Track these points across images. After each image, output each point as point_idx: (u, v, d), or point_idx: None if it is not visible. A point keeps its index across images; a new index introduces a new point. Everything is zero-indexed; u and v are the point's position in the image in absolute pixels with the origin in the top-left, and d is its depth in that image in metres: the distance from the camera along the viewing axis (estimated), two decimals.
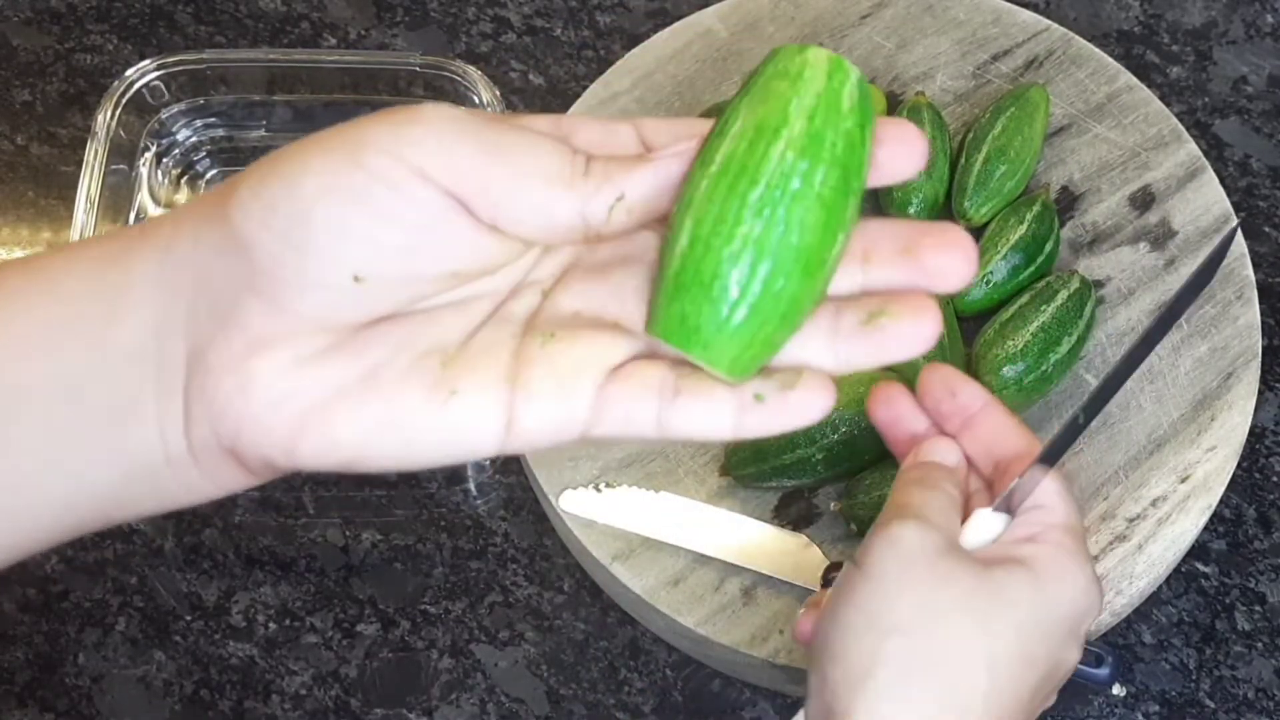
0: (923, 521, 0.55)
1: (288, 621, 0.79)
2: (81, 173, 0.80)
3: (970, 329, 0.79)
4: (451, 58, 0.84)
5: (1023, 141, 0.82)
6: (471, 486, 0.82)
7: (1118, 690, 0.65)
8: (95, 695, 0.78)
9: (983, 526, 0.57)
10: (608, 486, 0.76)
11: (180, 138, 0.88)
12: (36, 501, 0.44)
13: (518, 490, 0.82)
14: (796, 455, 0.73)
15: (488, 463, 0.82)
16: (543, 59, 0.94)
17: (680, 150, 0.42)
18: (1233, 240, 0.63)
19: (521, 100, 0.93)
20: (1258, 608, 0.79)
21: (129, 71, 0.84)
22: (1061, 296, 0.77)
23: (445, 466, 0.80)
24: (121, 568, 0.81)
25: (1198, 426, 0.77)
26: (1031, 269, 0.79)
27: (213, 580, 0.80)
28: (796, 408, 0.42)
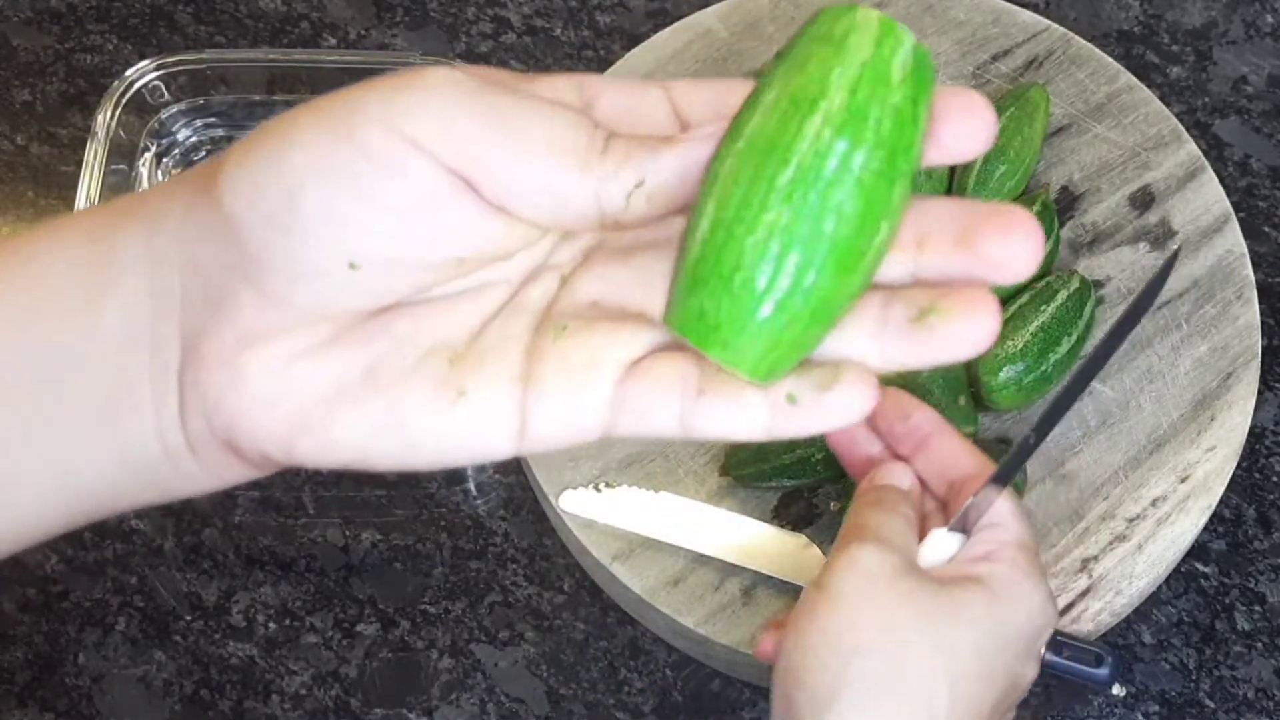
0: (881, 543, 0.55)
1: (288, 621, 0.79)
2: (81, 173, 0.80)
3: None
4: (451, 58, 0.84)
5: (1023, 141, 0.82)
6: (471, 486, 0.82)
7: (1118, 690, 0.65)
8: (95, 695, 0.78)
9: (939, 546, 0.58)
10: (608, 486, 0.76)
11: (180, 138, 0.88)
12: (30, 494, 0.42)
13: (518, 490, 0.82)
14: (796, 455, 0.73)
15: (488, 462, 0.83)
16: (543, 59, 0.94)
17: (710, 132, 0.38)
18: (1171, 269, 0.62)
19: None
20: (1257, 608, 0.79)
21: (129, 71, 0.84)
22: (1061, 296, 0.77)
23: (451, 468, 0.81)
24: (121, 568, 0.81)
25: (1198, 426, 0.77)
26: None
27: (213, 580, 0.80)
28: (834, 410, 0.38)
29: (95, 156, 0.81)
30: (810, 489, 0.76)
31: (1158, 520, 0.75)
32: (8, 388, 0.40)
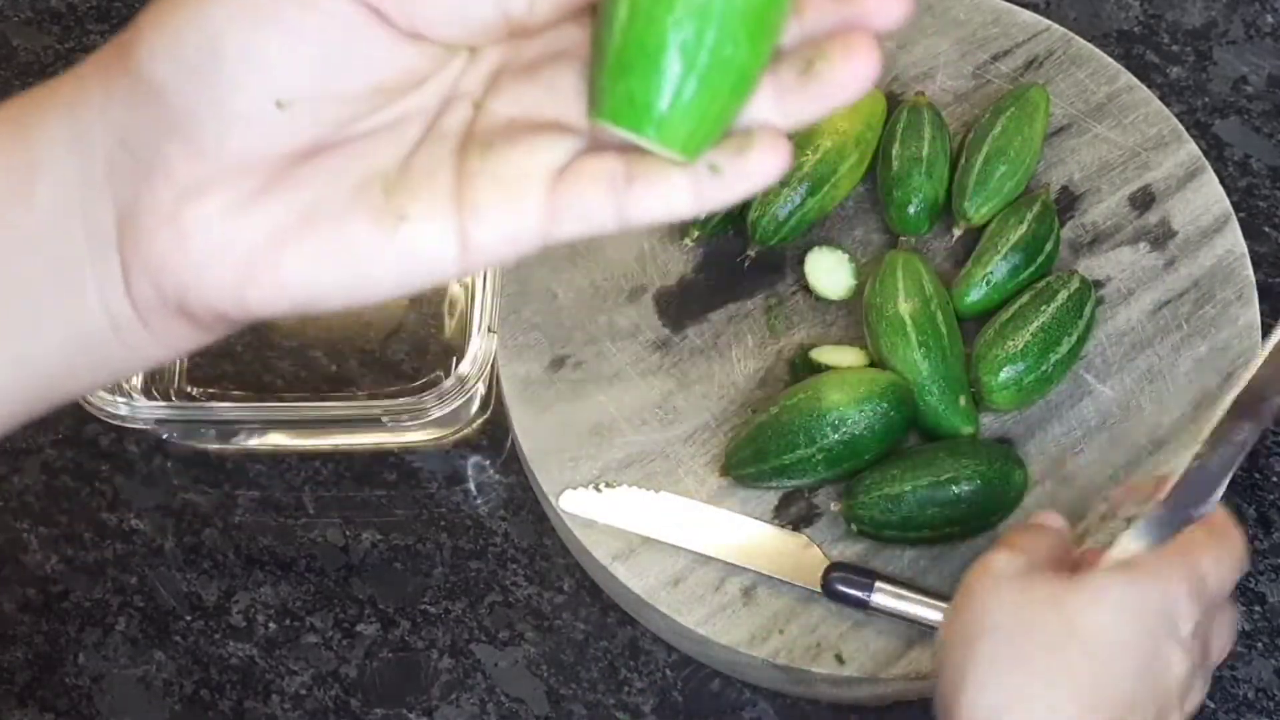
0: (1012, 548, 0.61)
1: (288, 621, 0.79)
2: None
3: (970, 329, 0.79)
4: None
5: (1023, 141, 0.82)
6: (471, 486, 0.82)
7: None
8: (95, 695, 0.78)
9: (1124, 547, 0.61)
10: (608, 486, 0.76)
11: None
12: None
13: (518, 490, 0.82)
14: (796, 455, 0.73)
15: (488, 462, 0.83)
16: None
17: None
18: None
19: None
20: (1258, 608, 0.79)
21: None
22: (1061, 296, 0.77)
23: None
24: (121, 568, 0.81)
25: (1197, 427, 0.77)
26: (1031, 269, 0.79)
27: (213, 580, 0.80)
28: (755, 170, 0.40)
29: None
30: (810, 489, 0.76)
31: None
32: None
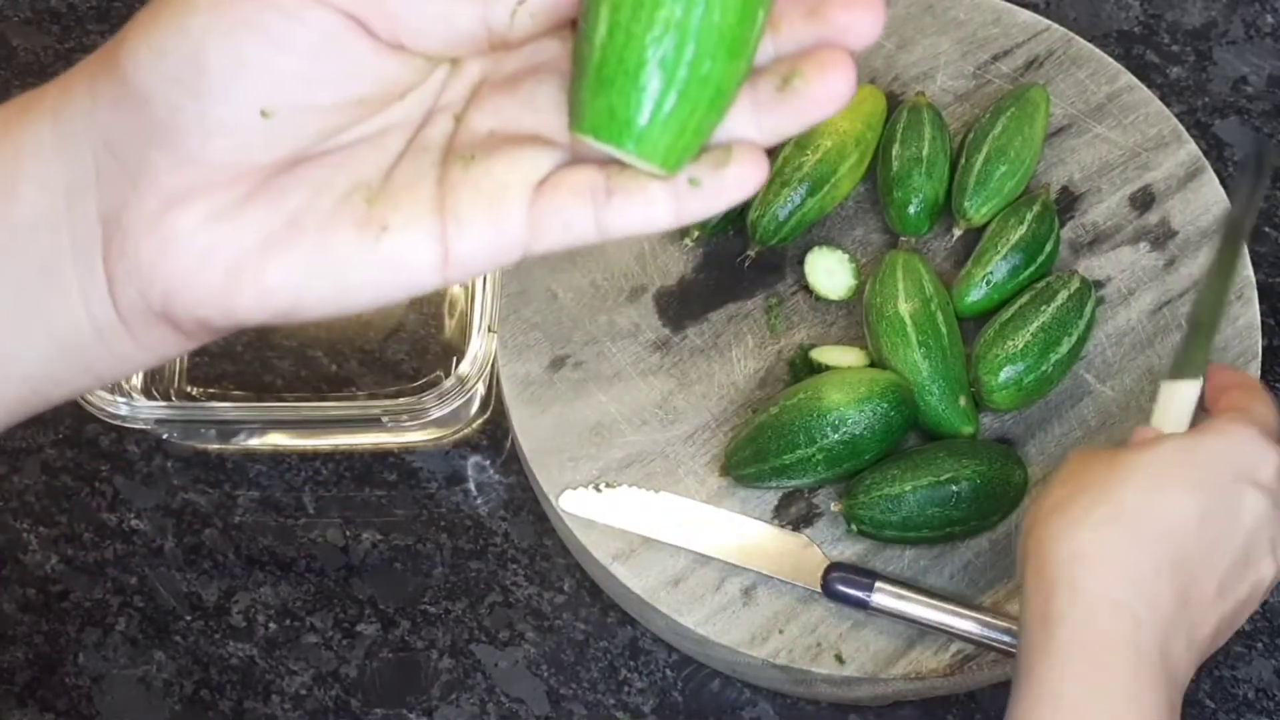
0: (1083, 449, 0.65)
1: (288, 621, 0.79)
2: None
3: (970, 329, 0.79)
4: None
5: (1023, 141, 0.82)
6: (471, 486, 0.82)
7: None
8: (95, 695, 0.78)
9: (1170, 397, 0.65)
10: (608, 486, 0.76)
11: None
12: None
13: (518, 490, 0.82)
14: (796, 455, 0.73)
15: (488, 462, 0.83)
16: None
17: None
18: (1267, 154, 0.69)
19: None
20: (1257, 608, 0.79)
21: None
22: (1061, 296, 0.77)
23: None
24: (121, 568, 0.81)
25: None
26: (1031, 269, 0.79)
27: (213, 580, 0.80)
28: (733, 184, 0.41)
29: None
30: (810, 489, 0.76)
31: None
32: None
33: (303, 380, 0.85)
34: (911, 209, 0.81)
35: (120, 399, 0.77)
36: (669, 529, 0.75)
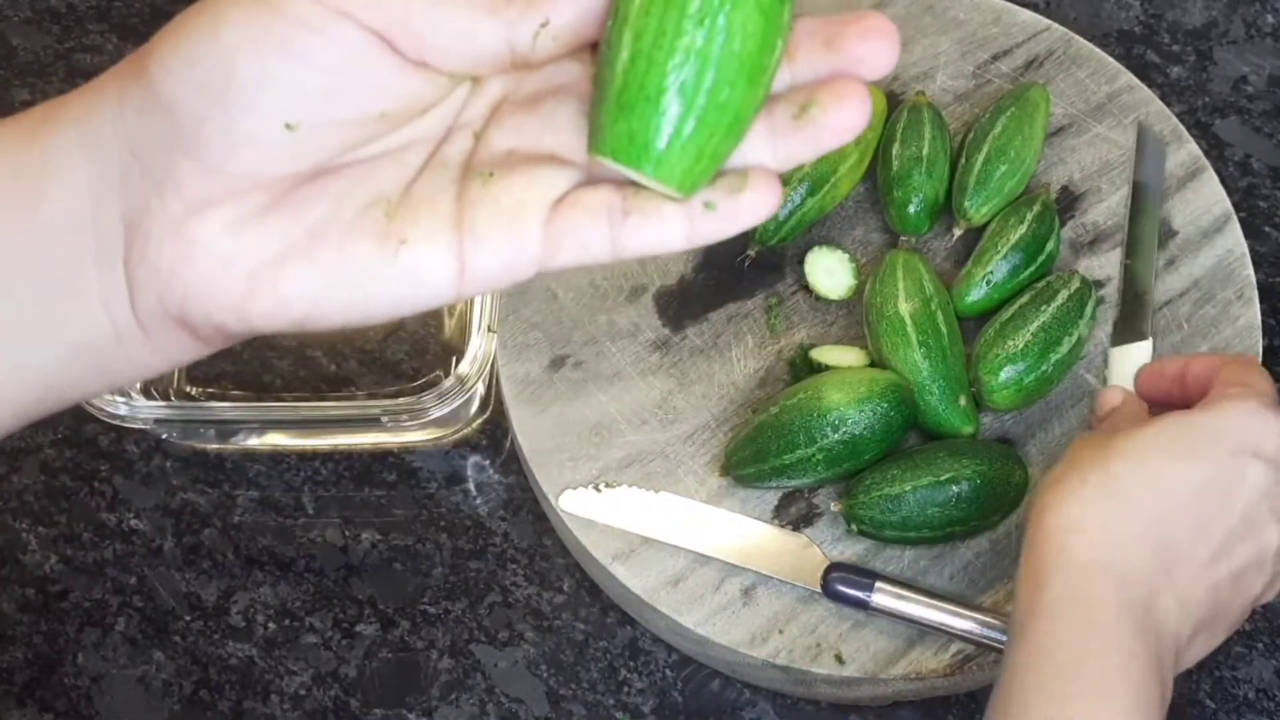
0: (1089, 431, 0.66)
1: (287, 621, 0.79)
2: None
3: (970, 329, 0.79)
4: None
5: (1023, 141, 0.82)
6: (471, 486, 0.82)
7: None
8: (94, 695, 0.78)
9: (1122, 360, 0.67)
10: (608, 486, 0.76)
11: None
12: None
13: (517, 490, 0.82)
14: (796, 455, 0.73)
15: (487, 462, 0.83)
16: None
17: None
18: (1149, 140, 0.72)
19: None
20: (1258, 608, 0.79)
21: None
22: (1062, 296, 0.77)
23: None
24: (121, 568, 0.81)
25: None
26: (1031, 269, 0.79)
27: (212, 580, 0.80)
28: (748, 209, 0.42)
29: None
30: (810, 489, 0.76)
31: None
32: None
33: (302, 380, 0.85)
34: (911, 209, 0.81)
35: (120, 399, 0.77)
36: (669, 529, 0.75)
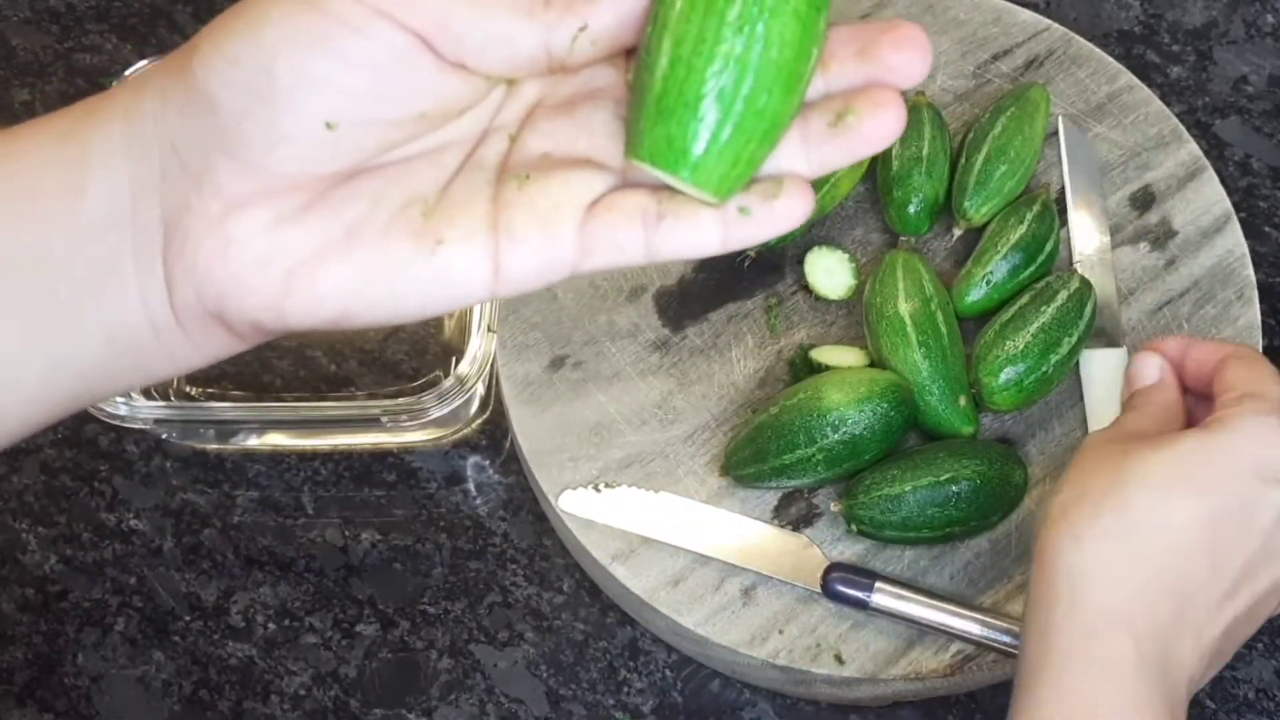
0: (1107, 429, 0.64)
1: (287, 622, 0.79)
2: None
3: (970, 329, 0.79)
4: None
5: (1023, 141, 0.82)
6: (471, 486, 0.82)
7: None
8: (94, 695, 0.78)
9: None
10: (607, 486, 0.76)
11: None
12: (17, 379, 0.44)
13: (517, 490, 0.82)
14: (796, 455, 0.73)
15: (487, 462, 0.82)
16: None
17: None
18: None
19: None
20: None
21: (128, 71, 0.84)
22: (1061, 297, 0.77)
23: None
24: (120, 568, 0.81)
25: None
26: (1031, 269, 0.79)
27: (212, 580, 0.80)
28: (782, 214, 0.43)
29: None
30: (810, 489, 0.76)
31: None
32: (1, 271, 0.43)
33: (302, 380, 0.84)
34: (911, 208, 0.81)
35: (119, 399, 0.77)
36: (669, 529, 0.75)
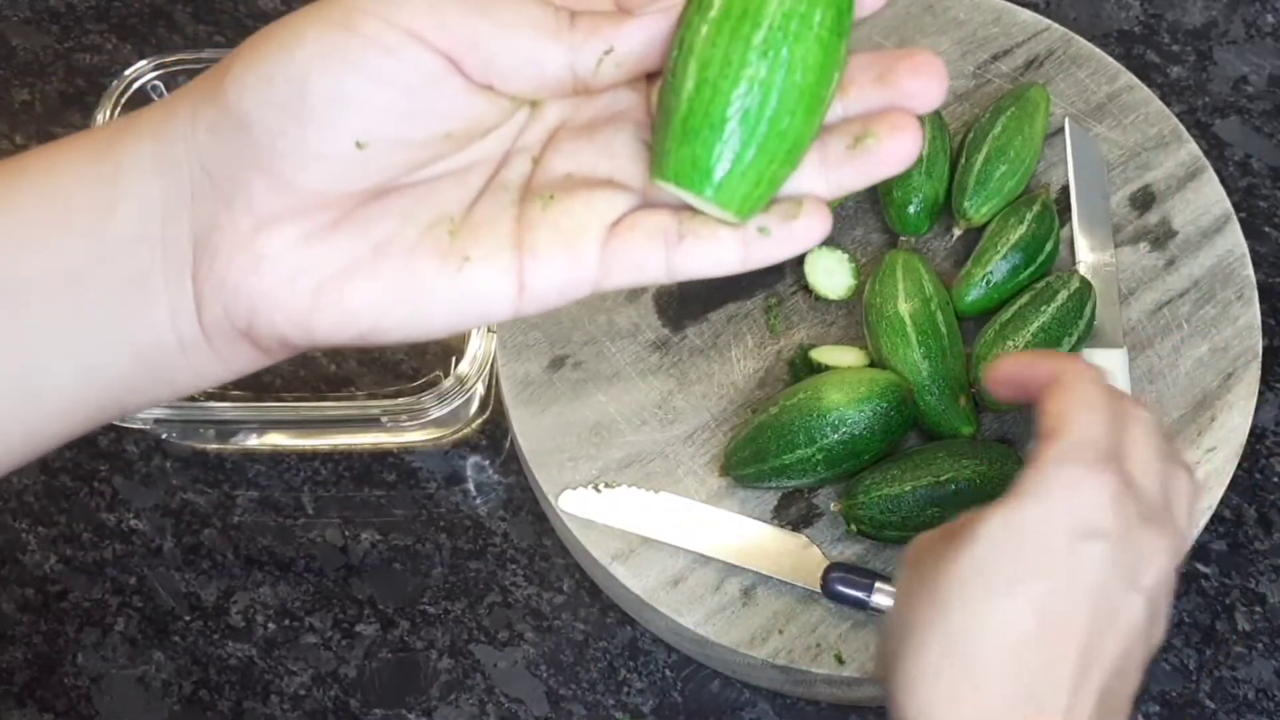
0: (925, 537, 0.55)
1: (287, 622, 0.79)
2: None
3: (970, 329, 0.79)
4: None
5: (1023, 141, 0.82)
6: (471, 486, 0.82)
7: None
8: (94, 695, 0.78)
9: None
10: (607, 486, 0.76)
11: None
12: (47, 392, 0.45)
13: (517, 490, 0.82)
14: (796, 455, 0.73)
15: (487, 462, 0.82)
16: None
17: (668, 6, 0.43)
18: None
19: None
20: (1258, 608, 0.79)
21: (128, 71, 0.84)
22: (1061, 297, 0.77)
23: (450, 459, 0.81)
24: (120, 568, 0.81)
25: (1198, 427, 0.77)
26: (1031, 269, 0.79)
27: (212, 580, 0.80)
28: (801, 235, 0.44)
29: None
30: (810, 489, 0.76)
31: None
32: (34, 286, 0.44)
33: (302, 380, 0.84)
34: (911, 209, 0.81)
35: None
36: (669, 529, 0.75)
